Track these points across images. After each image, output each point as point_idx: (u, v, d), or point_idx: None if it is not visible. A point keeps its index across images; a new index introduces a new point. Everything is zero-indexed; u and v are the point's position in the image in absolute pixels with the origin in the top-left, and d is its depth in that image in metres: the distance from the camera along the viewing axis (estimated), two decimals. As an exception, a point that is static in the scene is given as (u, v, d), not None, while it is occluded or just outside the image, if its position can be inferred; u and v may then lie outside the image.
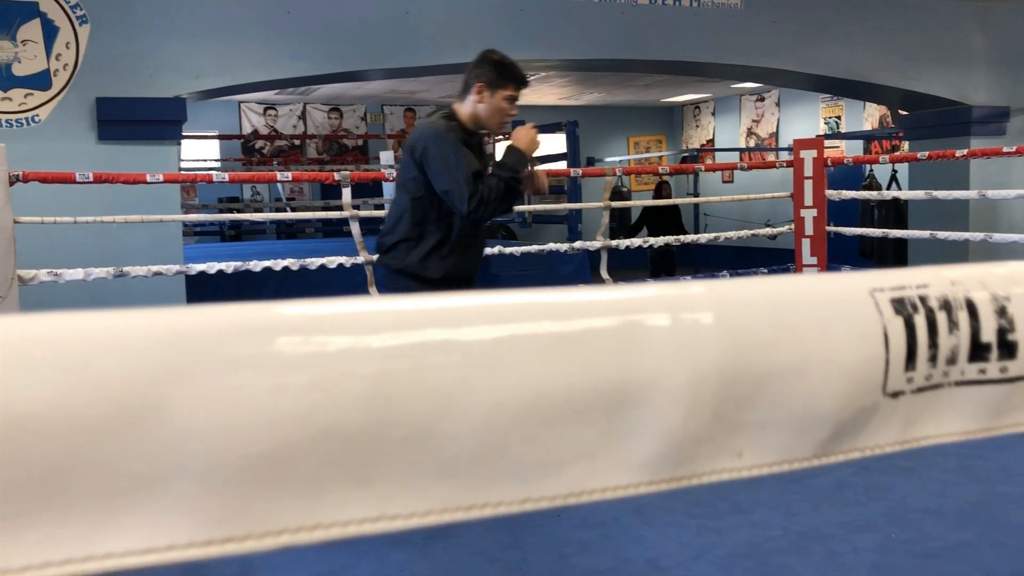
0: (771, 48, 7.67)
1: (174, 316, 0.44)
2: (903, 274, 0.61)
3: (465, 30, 6.91)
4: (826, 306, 0.57)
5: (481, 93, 2.87)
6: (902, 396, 0.58)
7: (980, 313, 0.60)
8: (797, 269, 6.12)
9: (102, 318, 0.42)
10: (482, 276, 7.27)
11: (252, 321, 0.44)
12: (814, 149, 6.06)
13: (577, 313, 0.50)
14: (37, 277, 4.37)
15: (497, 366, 0.46)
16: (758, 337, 0.54)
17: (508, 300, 0.50)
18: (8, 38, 5.72)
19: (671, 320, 0.51)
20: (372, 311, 0.47)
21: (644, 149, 16.17)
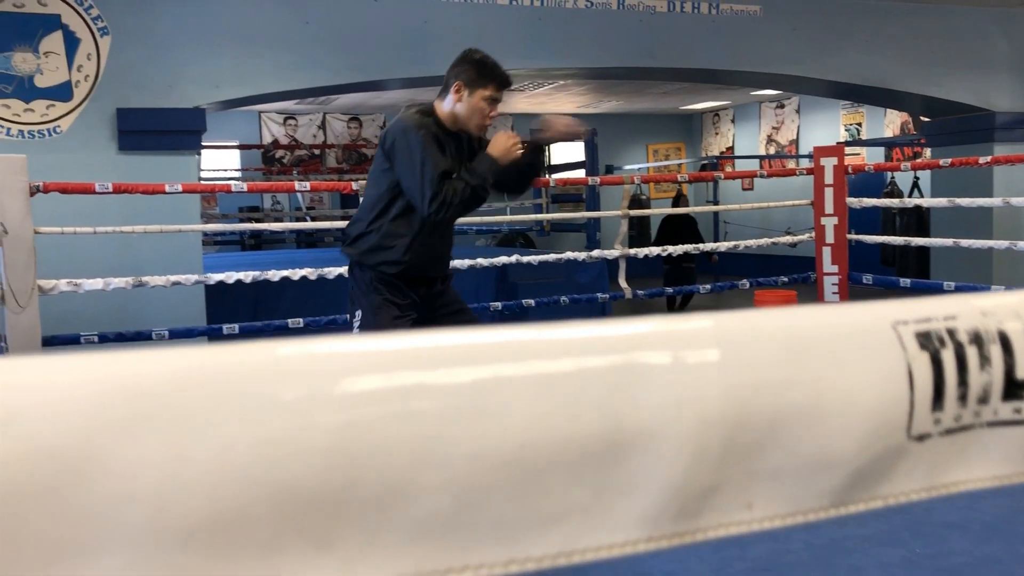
0: (790, 55, 7.61)
1: (111, 365, 0.40)
2: (929, 305, 0.56)
3: (483, 39, 6.88)
4: (844, 341, 0.53)
5: (459, 92, 2.80)
6: (929, 439, 0.53)
7: (1015, 347, 0.55)
8: (818, 277, 6.05)
9: (29, 368, 0.38)
10: (501, 285, 7.27)
11: (197, 368, 0.40)
12: (834, 156, 6.00)
13: (567, 352, 0.46)
14: (57, 287, 4.39)
15: (477, 413, 0.42)
16: (769, 377, 0.49)
17: (488, 339, 0.45)
18: (31, 50, 5.77)
19: (672, 359, 0.47)
20: (334, 352, 0.42)
21: (663, 157, 16.11)
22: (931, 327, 0.54)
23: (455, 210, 2.73)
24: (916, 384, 0.53)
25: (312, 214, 12.50)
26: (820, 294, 6.05)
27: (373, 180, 2.85)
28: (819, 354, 0.52)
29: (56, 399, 0.37)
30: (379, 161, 2.81)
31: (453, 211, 2.73)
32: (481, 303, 6.16)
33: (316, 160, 13.32)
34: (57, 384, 0.38)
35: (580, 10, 7.09)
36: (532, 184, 3.04)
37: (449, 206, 2.68)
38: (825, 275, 6.01)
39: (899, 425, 0.52)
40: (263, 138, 13.40)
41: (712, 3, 7.34)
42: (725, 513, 0.48)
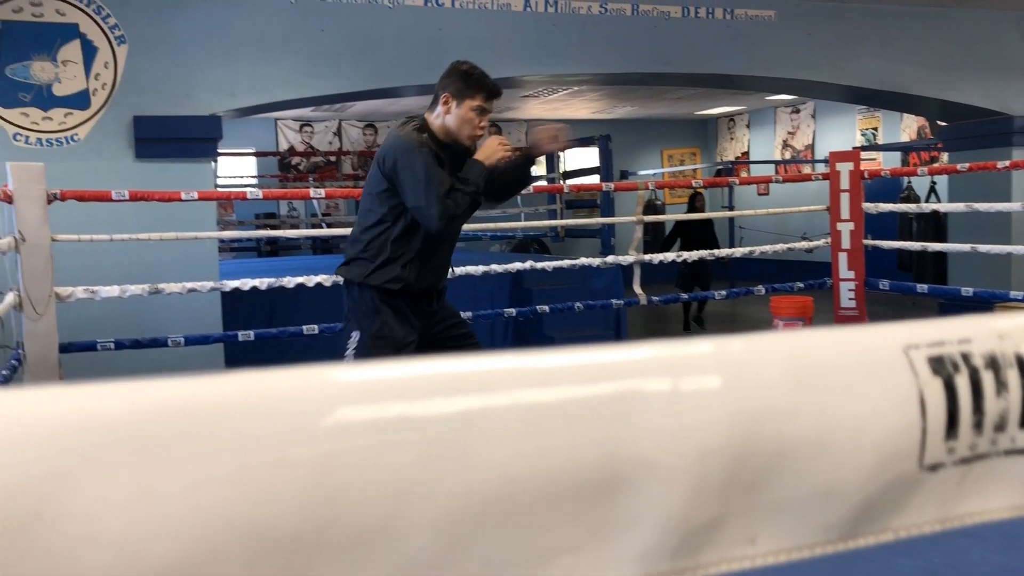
0: (806, 60, 7.57)
1: (75, 399, 0.38)
2: (942, 327, 0.53)
3: (498, 46, 6.91)
4: (853, 367, 0.50)
5: (448, 104, 2.79)
6: (942, 469, 0.51)
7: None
8: (834, 283, 6.01)
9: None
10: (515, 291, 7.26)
11: (166, 401, 0.38)
12: (850, 162, 5.96)
13: (559, 380, 0.43)
14: (74, 294, 4.41)
15: (463, 446, 0.39)
16: (774, 404, 0.47)
17: (475, 366, 0.42)
18: (49, 59, 5.82)
19: (671, 386, 0.44)
20: (310, 383, 0.40)
21: (678, 162, 16.07)
22: (944, 351, 0.51)
23: (458, 221, 2.79)
24: (929, 412, 0.50)
25: (328, 220, 12.54)
26: (836, 300, 6.00)
27: (371, 199, 2.82)
28: (826, 380, 0.49)
29: (16, 435, 0.35)
30: (376, 180, 2.79)
31: (457, 222, 2.79)
32: (495, 309, 6.16)
33: (332, 167, 13.37)
34: (17, 419, 0.36)
35: (594, 16, 7.08)
36: (518, 192, 3.03)
37: (453, 218, 2.72)
38: (841, 281, 5.97)
39: (911, 455, 0.50)
40: (279, 145, 13.46)
41: (727, 8, 7.32)
42: (727, 548, 0.45)
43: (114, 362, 5.44)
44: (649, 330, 9.99)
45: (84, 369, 5.22)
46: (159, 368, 5.84)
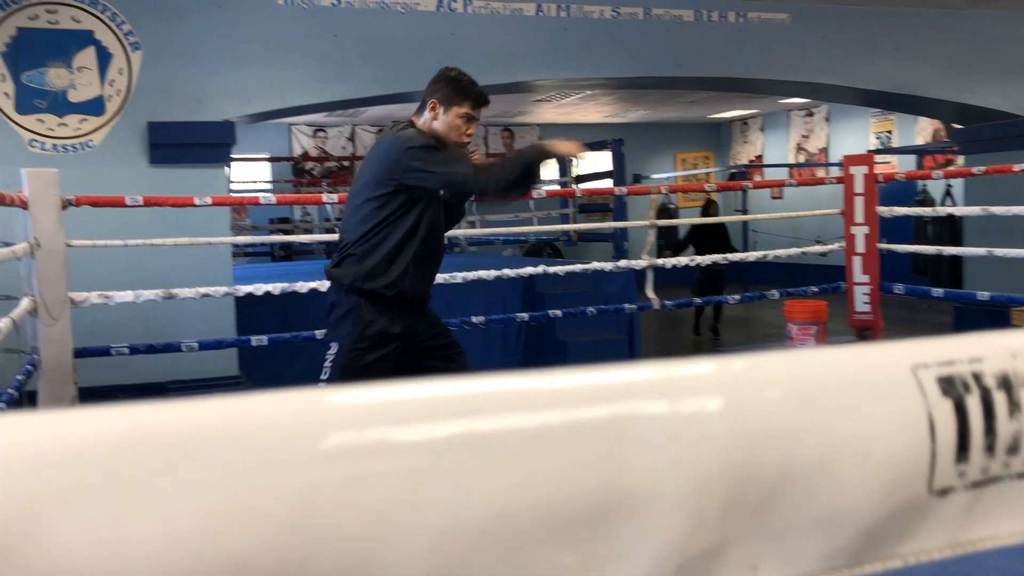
0: (820, 63, 7.54)
1: (44, 426, 0.36)
2: (952, 346, 0.51)
3: (510, 50, 6.91)
4: (859, 387, 0.48)
5: (435, 110, 2.77)
6: (952, 493, 0.49)
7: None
8: (848, 287, 5.98)
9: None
10: (527, 295, 7.26)
11: (139, 429, 0.36)
12: (864, 165, 5.93)
13: (552, 403, 0.41)
14: (88, 299, 4.43)
15: (451, 474, 0.37)
16: (776, 427, 0.45)
17: (463, 389, 0.40)
18: (64, 66, 5.86)
19: (669, 409, 0.43)
20: (288, 408, 0.38)
21: (691, 166, 16.03)
22: (955, 371, 0.49)
23: (505, 183, 2.68)
24: (938, 434, 0.48)
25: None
26: (850, 304, 5.97)
27: (365, 203, 2.76)
28: (831, 402, 0.47)
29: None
30: (374, 183, 2.74)
31: (504, 183, 2.68)
32: (508, 314, 6.15)
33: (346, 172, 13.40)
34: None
35: (606, 20, 7.08)
36: (526, 190, 2.97)
37: (498, 178, 2.65)
38: (855, 285, 5.93)
39: (919, 479, 0.48)
40: (293, 150, 13.51)
41: (739, 12, 7.30)
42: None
43: (128, 367, 5.47)
44: (662, 335, 9.96)
45: (98, 374, 5.25)
46: (173, 373, 5.87)
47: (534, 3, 6.91)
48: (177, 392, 5.91)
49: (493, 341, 7.25)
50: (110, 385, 5.66)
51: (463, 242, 11.37)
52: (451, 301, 6.77)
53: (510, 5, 6.86)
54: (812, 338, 5.69)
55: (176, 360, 5.47)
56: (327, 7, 6.45)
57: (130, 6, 5.96)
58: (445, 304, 6.70)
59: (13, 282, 4.20)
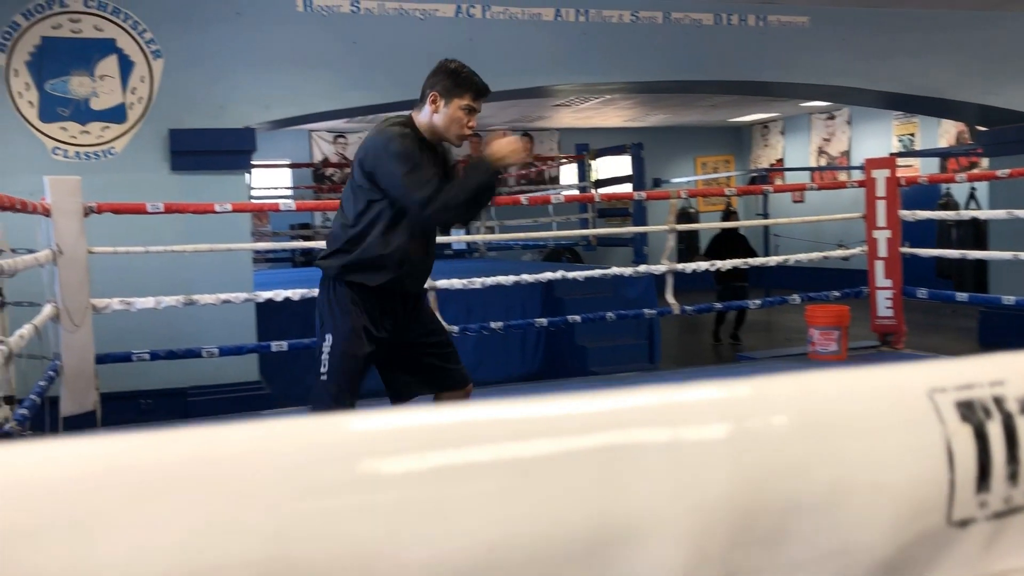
0: (840, 66, 7.49)
1: (8, 463, 0.33)
2: (971, 368, 0.48)
3: (528, 55, 6.91)
4: (871, 414, 0.45)
5: (436, 103, 2.72)
6: (973, 525, 0.45)
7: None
8: (870, 292, 5.92)
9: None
10: (546, 300, 7.24)
11: (105, 464, 0.33)
12: (886, 168, 5.88)
13: (545, 431, 0.38)
14: (110, 306, 4.47)
15: (436, 509, 0.34)
16: (783, 456, 0.42)
17: (451, 418, 0.38)
18: (87, 74, 5.92)
19: (670, 438, 0.40)
20: (261, 440, 0.35)
21: (712, 169, 15.97)
22: (974, 395, 0.46)
23: (456, 212, 2.66)
24: (957, 462, 0.45)
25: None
26: (873, 309, 5.91)
27: (351, 195, 2.75)
28: (842, 429, 0.44)
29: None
30: (357, 176, 2.72)
31: (454, 213, 2.65)
32: (527, 319, 6.14)
33: (365, 177, 13.45)
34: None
35: (626, 24, 7.06)
36: (484, 207, 2.90)
37: (448, 208, 2.60)
38: (878, 289, 5.88)
39: (937, 509, 0.44)
40: (313, 156, 13.58)
41: (759, 15, 7.26)
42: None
43: (149, 372, 5.51)
44: (682, 340, 9.92)
45: (120, 379, 5.29)
46: (194, 378, 5.90)
47: (553, 8, 6.91)
48: (198, 397, 5.94)
49: (512, 346, 7.24)
50: (132, 391, 5.70)
51: (482, 247, 11.38)
52: (470, 306, 6.77)
53: (528, 10, 6.86)
54: (834, 343, 5.64)
55: (197, 365, 5.50)
56: (346, 14, 6.47)
57: (152, 14, 6.02)
58: (464, 309, 6.71)
59: (36, 289, 4.24)
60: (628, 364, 6.70)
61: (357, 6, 6.50)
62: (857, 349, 5.90)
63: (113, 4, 5.94)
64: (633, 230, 8.83)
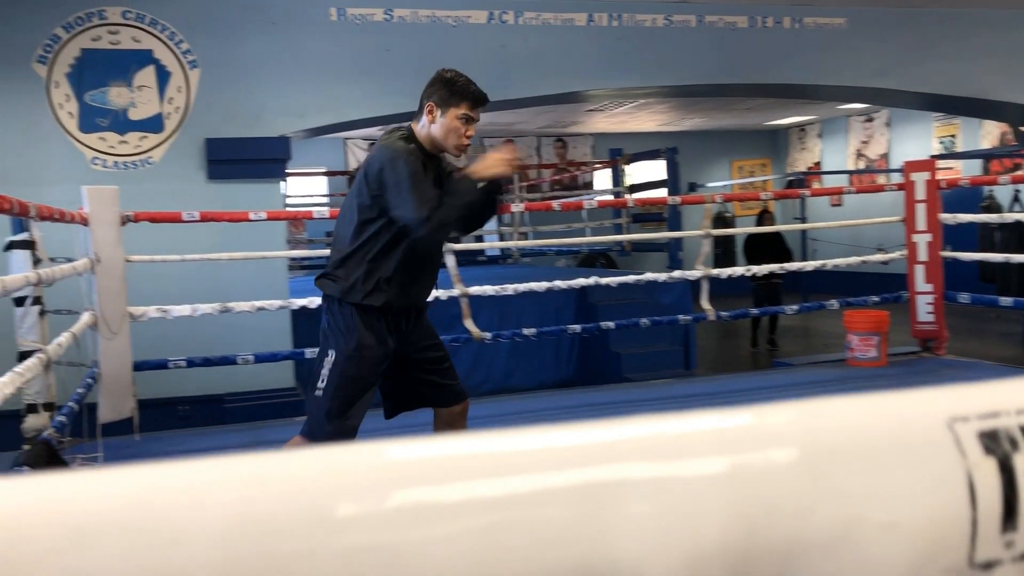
0: (878, 67, 7.38)
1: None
2: (996, 394, 0.43)
3: (561, 61, 6.90)
4: (885, 446, 0.41)
5: (432, 113, 2.69)
6: (998, 567, 0.41)
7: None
8: (910, 296, 5.82)
9: None
10: (580, 307, 7.21)
11: (26, 508, 0.31)
12: (926, 171, 5.77)
13: (523, 467, 0.35)
14: (147, 314, 4.52)
15: (400, 557, 0.31)
16: (786, 493, 0.38)
17: (420, 452, 0.34)
18: (125, 85, 6.00)
19: (661, 473, 0.36)
20: (202, 477, 0.31)
21: (748, 173, 15.83)
22: (999, 424, 0.42)
23: (445, 232, 2.64)
24: (980, 498, 0.41)
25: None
26: (913, 314, 5.81)
27: (353, 210, 2.70)
28: (852, 463, 0.40)
29: None
30: (360, 190, 2.68)
31: (447, 231, 2.63)
32: (560, 325, 6.12)
33: (399, 184, 13.51)
34: None
35: (659, 28, 7.02)
36: (485, 221, 2.84)
37: (442, 226, 2.58)
38: (918, 294, 5.77)
39: (958, 550, 0.40)
40: (348, 164, 13.67)
41: (795, 17, 7.18)
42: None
43: (186, 379, 5.57)
44: (719, 346, 9.82)
45: (157, 386, 5.35)
46: (230, 385, 5.95)
47: (585, 13, 6.89)
48: (234, 403, 5.99)
49: (546, 353, 7.22)
50: (169, 397, 5.76)
51: (516, 253, 11.37)
52: (504, 312, 6.76)
53: (561, 15, 6.85)
54: (874, 349, 5.54)
55: (233, 372, 5.55)
56: (380, 22, 6.51)
57: (188, 25, 6.09)
58: (498, 315, 6.71)
59: (74, 297, 4.30)
60: (663, 370, 6.64)
61: (390, 14, 6.53)
62: (897, 355, 5.79)
63: (150, 16, 6.02)
64: (668, 235, 8.76)
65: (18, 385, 2.67)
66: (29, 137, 5.85)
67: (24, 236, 3.65)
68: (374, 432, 3.95)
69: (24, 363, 2.97)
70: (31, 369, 2.93)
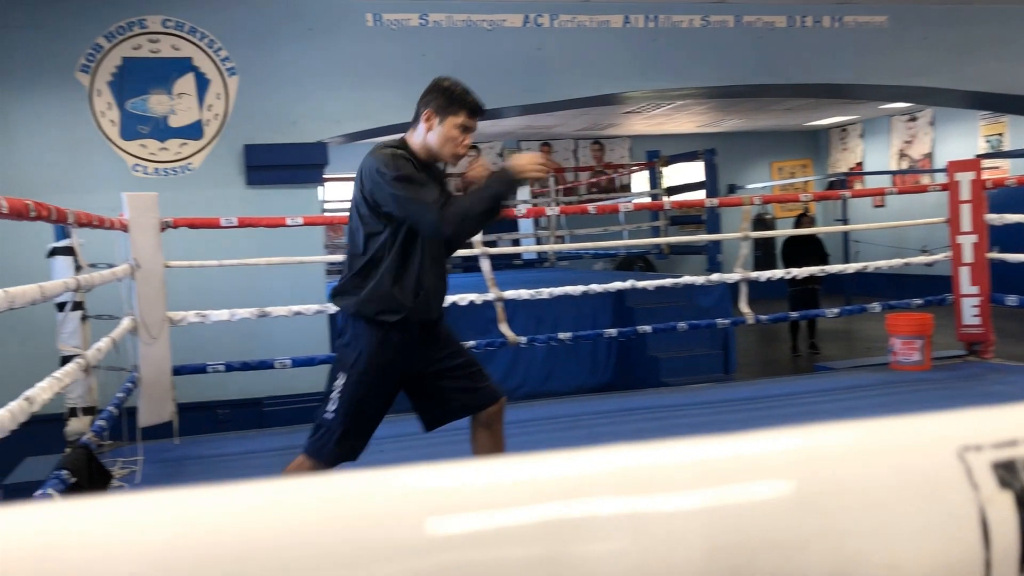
0: (922, 66, 7.25)
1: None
2: (1013, 420, 0.39)
3: (597, 63, 6.87)
4: (885, 479, 0.36)
5: (429, 120, 2.63)
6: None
7: None
8: (955, 299, 5.69)
9: None
10: (617, 310, 7.16)
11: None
12: (971, 171, 5.64)
13: (475, 504, 0.31)
14: (186, 319, 4.56)
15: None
16: (775, 531, 0.34)
17: (352, 485, 0.30)
18: (165, 92, 6.09)
19: (633, 508, 0.32)
20: (110, 515, 0.29)
21: (788, 175, 15.64)
22: (1017, 454, 0.38)
23: (473, 224, 2.58)
24: (993, 538, 0.36)
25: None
26: (958, 317, 5.68)
27: (356, 226, 2.67)
28: (847, 498, 0.36)
29: None
30: (360, 207, 2.64)
31: (471, 225, 2.57)
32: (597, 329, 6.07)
33: (437, 188, 13.54)
34: None
35: (696, 29, 6.96)
36: (494, 219, 2.78)
37: (466, 219, 2.52)
38: (963, 297, 5.64)
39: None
40: (386, 168, 13.72)
41: (835, 15, 7.08)
42: None
43: (225, 383, 5.62)
44: (759, 350, 9.70)
45: (196, 390, 5.41)
46: (268, 388, 6.00)
47: (621, 14, 6.85)
48: (273, 407, 6.04)
49: (583, 357, 7.18)
50: (208, 401, 5.82)
51: (552, 257, 11.34)
52: (540, 317, 6.73)
53: (597, 17, 6.81)
54: (917, 352, 5.43)
55: (271, 376, 5.59)
56: (415, 27, 6.53)
57: (227, 33, 6.16)
58: (534, 320, 6.68)
59: (115, 302, 4.35)
60: (702, 375, 6.57)
61: (426, 19, 6.55)
62: (942, 359, 5.67)
63: (190, 24, 6.10)
64: (706, 238, 8.68)
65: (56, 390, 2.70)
66: (73, 145, 5.96)
67: (65, 243, 3.70)
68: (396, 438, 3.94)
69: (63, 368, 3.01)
70: (69, 374, 2.96)
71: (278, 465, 4.08)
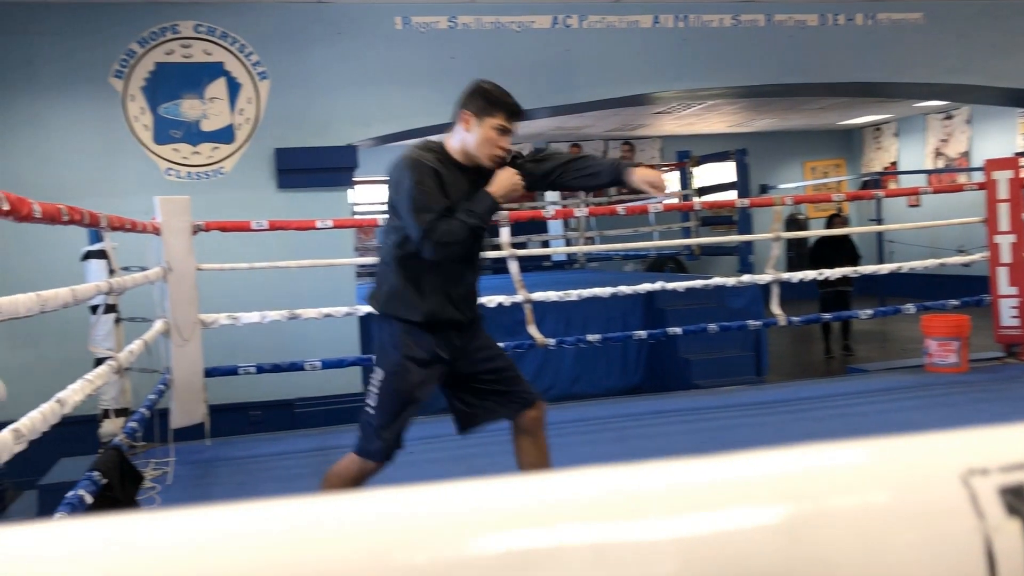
0: (958, 62, 7.13)
1: None
2: (1022, 441, 0.36)
3: (627, 63, 6.83)
4: (882, 504, 0.34)
5: (468, 122, 2.63)
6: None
7: None
8: (992, 300, 5.59)
9: None
10: (648, 312, 7.12)
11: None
12: (1009, 169, 5.54)
13: (431, 533, 0.29)
14: (218, 321, 4.60)
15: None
16: (761, 561, 0.31)
17: (309, 513, 0.29)
18: (197, 97, 6.15)
19: (601, 536, 0.30)
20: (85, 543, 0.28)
21: (822, 174, 15.47)
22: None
23: (453, 249, 2.57)
24: (1001, 568, 0.33)
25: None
26: (995, 318, 5.58)
27: (386, 226, 2.70)
28: (840, 526, 0.33)
29: None
30: (388, 205, 2.68)
31: (452, 250, 2.57)
32: (627, 331, 6.04)
33: (467, 190, 13.55)
34: None
35: (726, 28, 6.90)
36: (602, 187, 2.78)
37: (445, 245, 2.53)
38: (1001, 298, 5.54)
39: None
40: (416, 170, 13.77)
41: (868, 13, 6.98)
42: None
43: (256, 384, 5.66)
44: (791, 352, 9.60)
45: (228, 392, 5.45)
46: (299, 390, 6.03)
47: (650, 15, 6.81)
48: (304, 408, 6.07)
49: (613, 360, 7.14)
50: (240, 403, 5.87)
51: (582, 258, 11.30)
52: (570, 319, 6.71)
53: (626, 18, 6.78)
54: (953, 354, 5.34)
55: (302, 378, 5.62)
56: (444, 30, 6.54)
57: (257, 37, 6.21)
58: (564, 322, 6.66)
59: (148, 305, 4.40)
60: (734, 377, 6.51)
61: (455, 22, 6.56)
62: (979, 361, 5.57)
63: (221, 29, 6.16)
64: (737, 239, 8.60)
65: (88, 392, 2.73)
66: (106, 149, 6.04)
67: (99, 246, 3.75)
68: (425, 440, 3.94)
69: (95, 370, 3.04)
70: (101, 376, 2.99)
71: (309, 466, 4.11)
